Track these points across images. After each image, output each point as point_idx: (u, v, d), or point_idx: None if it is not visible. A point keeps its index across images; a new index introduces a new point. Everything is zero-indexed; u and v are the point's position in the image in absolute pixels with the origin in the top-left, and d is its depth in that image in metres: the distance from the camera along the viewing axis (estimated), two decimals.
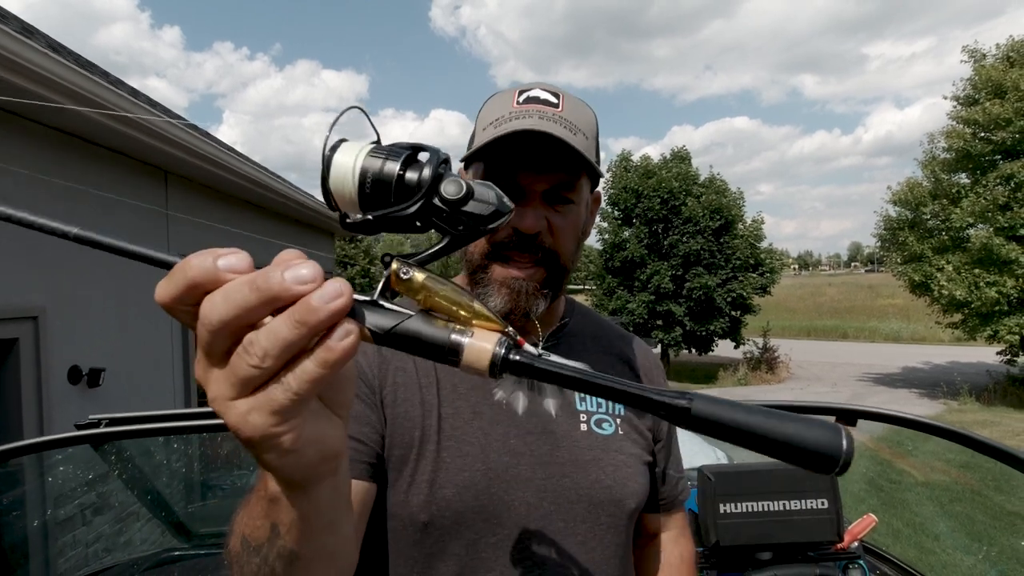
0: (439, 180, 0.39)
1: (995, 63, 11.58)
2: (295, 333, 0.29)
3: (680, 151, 16.77)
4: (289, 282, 0.28)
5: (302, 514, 0.37)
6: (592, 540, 0.72)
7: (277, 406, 0.30)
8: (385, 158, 0.39)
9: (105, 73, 4.05)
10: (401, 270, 0.38)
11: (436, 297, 0.37)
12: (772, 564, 1.32)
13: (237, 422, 0.30)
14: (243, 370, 0.29)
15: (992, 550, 3.48)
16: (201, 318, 0.29)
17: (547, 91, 0.75)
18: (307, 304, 0.28)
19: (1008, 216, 10.77)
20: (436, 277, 0.38)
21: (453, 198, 0.39)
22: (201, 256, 0.30)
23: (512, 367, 0.36)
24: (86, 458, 2.83)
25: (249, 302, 0.28)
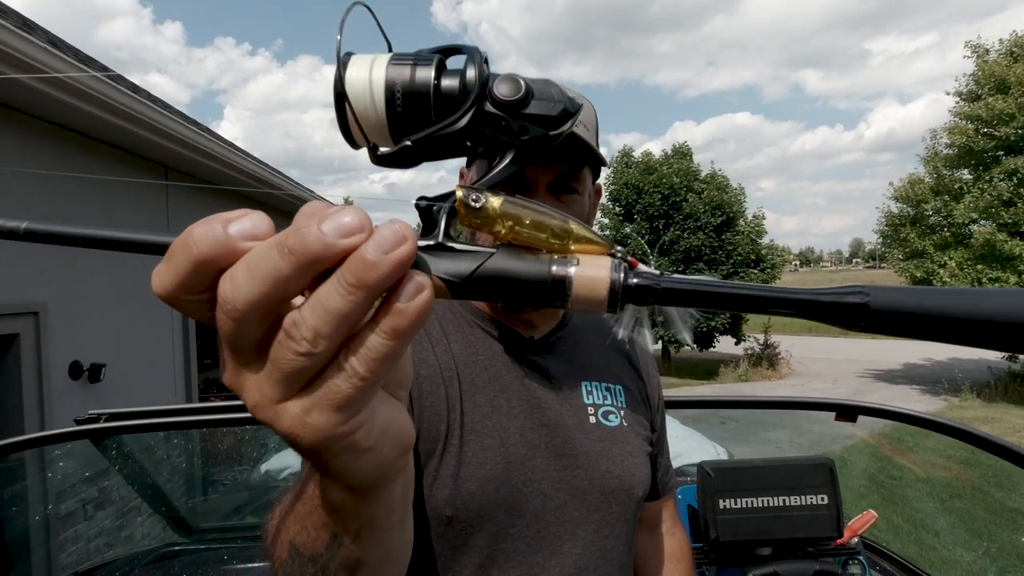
0: (487, 81, 0.31)
1: (998, 58, 11.53)
2: (350, 301, 0.22)
3: (681, 147, 16.73)
4: (331, 236, 0.22)
5: (371, 519, 0.32)
6: (604, 528, 0.73)
7: (343, 399, 0.23)
8: (413, 64, 0.31)
9: (105, 68, 4.04)
10: (470, 197, 0.29)
11: (520, 225, 0.29)
12: (772, 560, 1.32)
13: (294, 428, 0.24)
14: (289, 362, 0.23)
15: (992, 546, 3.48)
16: (221, 304, 0.23)
17: None
18: (361, 260, 0.22)
19: (1011, 212, 10.74)
20: (514, 199, 0.30)
21: (511, 99, 0.31)
22: (206, 225, 0.23)
23: (635, 294, 0.28)
24: (87, 453, 2.84)
25: (282, 271, 0.22)
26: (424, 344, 0.74)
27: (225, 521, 2.44)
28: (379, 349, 0.23)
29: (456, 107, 0.31)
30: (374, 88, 0.30)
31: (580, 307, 0.28)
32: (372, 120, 0.31)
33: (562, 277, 0.28)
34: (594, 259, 0.29)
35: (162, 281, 0.23)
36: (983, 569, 3.36)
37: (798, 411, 1.75)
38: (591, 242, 0.30)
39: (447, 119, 0.31)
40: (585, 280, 0.28)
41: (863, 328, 0.27)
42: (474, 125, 0.31)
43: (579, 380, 0.79)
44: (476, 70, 0.31)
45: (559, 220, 0.30)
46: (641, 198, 15.80)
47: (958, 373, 12.29)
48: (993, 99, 11.10)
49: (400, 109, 0.31)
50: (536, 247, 0.29)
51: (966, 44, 12.10)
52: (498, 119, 0.31)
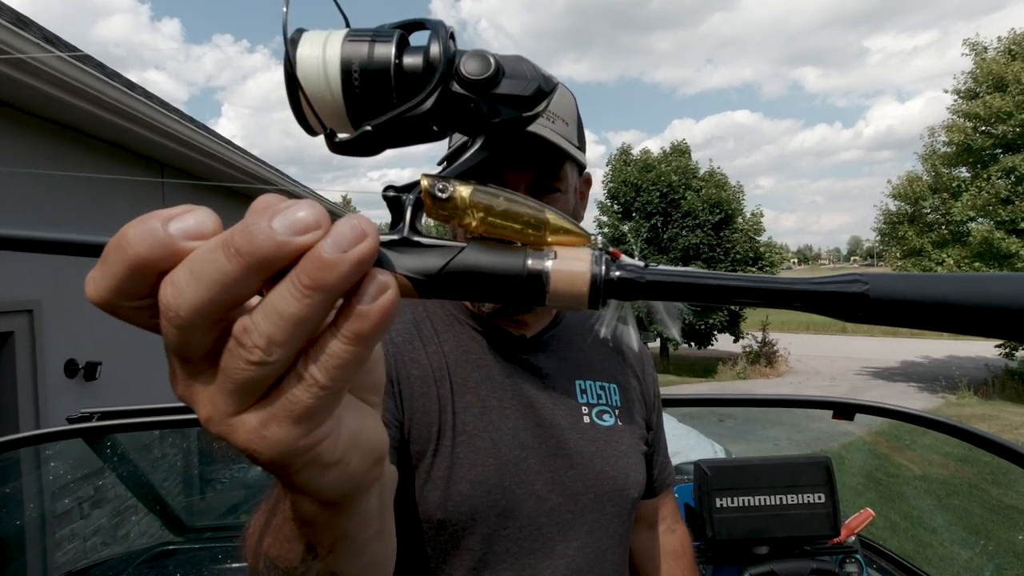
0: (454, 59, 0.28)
1: (997, 56, 11.54)
2: (307, 304, 0.20)
3: (680, 144, 16.73)
4: (283, 233, 0.20)
5: (345, 532, 0.30)
6: (599, 530, 0.73)
7: (302, 410, 0.22)
8: (371, 40, 0.28)
9: (101, 65, 4.02)
10: (436, 186, 0.27)
11: (492, 215, 0.27)
12: (769, 558, 1.31)
13: (251, 442, 0.22)
14: (242, 371, 0.21)
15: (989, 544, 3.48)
16: (163, 311, 0.20)
17: None
18: (318, 259, 0.20)
19: (1009, 210, 10.76)
20: (485, 187, 0.28)
21: (479, 77, 0.27)
22: (143, 224, 0.21)
23: (618, 288, 0.26)
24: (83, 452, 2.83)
25: (229, 274, 0.20)
26: (415, 344, 0.73)
27: (220, 520, 2.44)
28: (341, 355, 0.21)
29: (420, 87, 0.28)
30: (328, 67, 0.27)
31: (559, 303, 0.26)
32: (328, 103, 0.28)
33: (538, 272, 0.26)
34: (573, 251, 0.26)
35: (96, 287, 0.21)
36: (980, 566, 3.37)
37: (796, 409, 1.75)
38: (570, 232, 0.27)
39: (410, 101, 0.28)
40: (564, 274, 0.26)
41: (861, 319, 0.25)
42: (440, 107, 0.28)
43: (573, 379, 0.78)
44: (441, 46, 0.28)
45: (534, 209, 0.27)
46: (639, 196, 15.80)
47: (955, 371, 12.31)
48: (991, 97, 11.11)
49: (358, 90, 0.28)
50: (510, 239, 0.27)
51: (965, 42, 12.11)
52: (466, 100, 0.28)
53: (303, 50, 0.27)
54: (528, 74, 0.29)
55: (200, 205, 0.22)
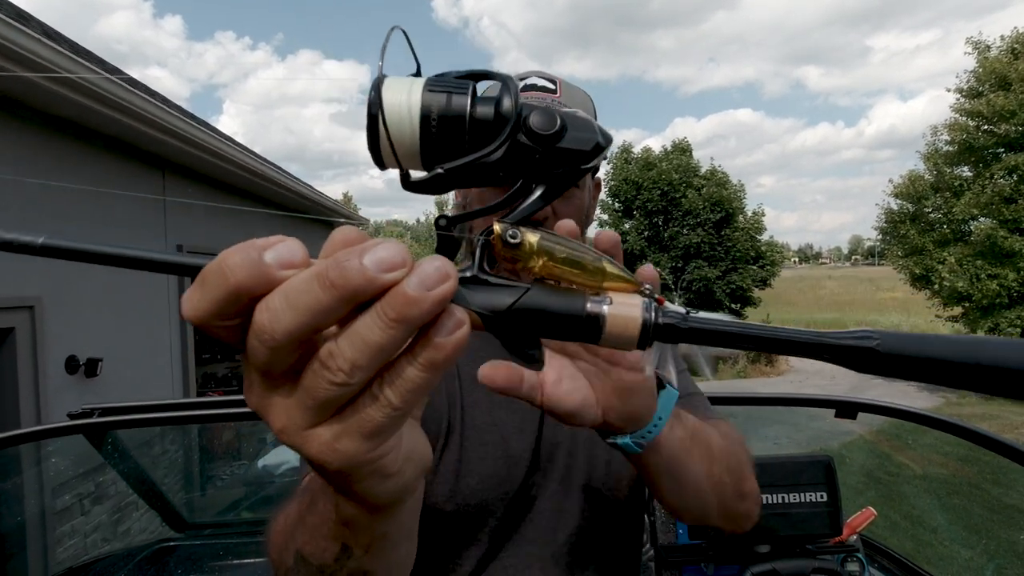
0: (522, 112, 0.31)
1: (999, 55, 11.50)
2: (390, 335, 0.22)
3: (681, 143, 16.71)
4: (373, 270, 0.22)
5: (383, 533, 0.33)
6: (597, 515, 0.74)
7: (374, 427, 0.24)
8: (450, 91, 0.30)
9: (102, 61, 4.02)
10: (508, 233, 0.30)
11: (555, 261, 0.30)
12: (770, 557, 1.31)
13: (323, 454, 0.24)
14: (324, 391, 0.23)
15: (990, 543, 3.48)
16: (257, 332, 0.22)
17: (544, 78, 0.76)
18: (403, 296, 0.22)
19: (1012, 209, 10.74)
20: (551, 235, 0.31)
21: (546, 132, 0.30)
22: (241, 252, 0.22)
23: (663, 332, 0.29)
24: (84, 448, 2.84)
25: (323, 304, 0.22)
26: None
27: (220, 516, 2.44)
28: (414, 380, 0.24)
29: (489, 135, 0.31)
30: (411, 112, 0.30)
31: (611, 344, 0.29)
32: (406, 144, 0.31)
33: (596, 315, 0.28)
34: (626, 297, 0.29)
35: (195, 307, 0.23)
36: (981, 566, 3.37)
37: (797, 408, 1.74)
38: (622, 279, 0.31)
39: (481, 148, 0.31)
40: (618, 319, 0.29)
41: (872, 371, 0.28)
42: (508, 156, 0.31)
43: None
44: (512, 100, 0.31)
45: (592, 257, 0.31)
46: (640, 194, 15.79)
47: None
48: (994, 96, 11.08)
49: (435, 135, 0.30)
50: (568, 282, 0.30)
51: (967, 41, 12.08)
52: (531, 151, 0.31)
53: (389, 95, 0.30)
54: (588, 129, 0.32)
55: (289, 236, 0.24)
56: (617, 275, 0.30)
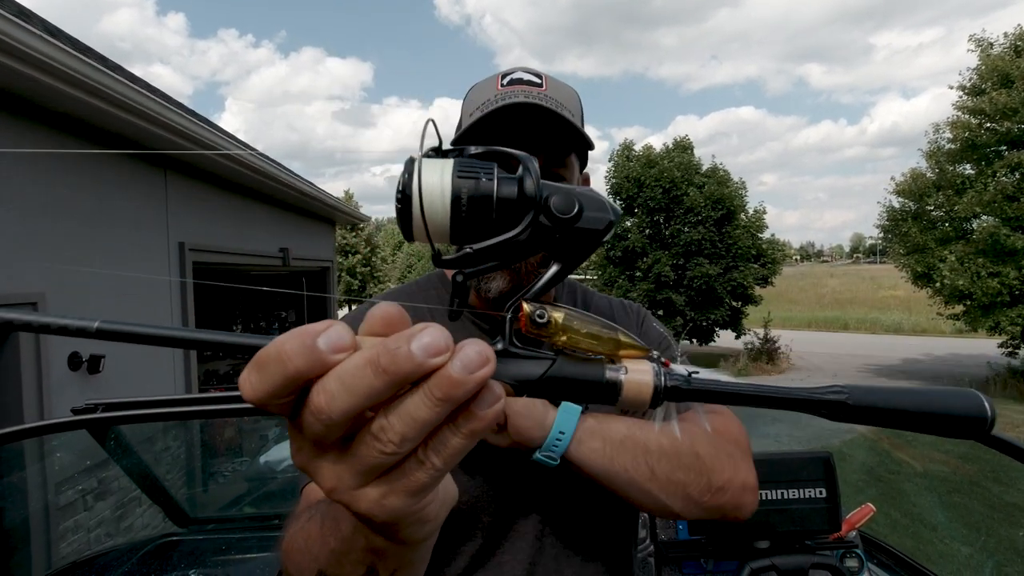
0: (542, 193, 0.34)
1: (1002, 52, 11.45)
2: (437, 412, 0.25)
3: (683, 141, 16.67)
4: (420, 356, 0.24)
5: (411, 560, 0.35)
6: (588, 510, 0.75)
7: (418, 486, 0.27)
8: (478, 175, 0.33)
9: (103, 58, 4.02)
10: (536, 313, 0.33)
11: (578, 335, 0.33)
12: (769, 552, 1.32)
13: (371, 510, 0.27)
14: (374, 459, 0.25)
15: (990, 541, 3.49)
16: (314, 412, 0.25)
17: (529, 73, 0.76)
18: (448, 379, 0.24)
19: (1015, 207, 10.71)
20: (573, 312, 0.34)
21: (566, 216, 0.33)
22: (296, 340, 0.24)
23: (670, 393, 0.33)
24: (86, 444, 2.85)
25: (376, 388, 0.24)
26: None
27: (223, 512, 2.45)
28: (456, 447, 0.26)
29: (513, 214, 0.33)
30: (443, 195, 0.33)
31: (627, 406, 0.33)
32: (436, 223, 0.33)
33: (614, 382, 0.32)
34: (638, 364, 0.33)
35: (254, 390, 0.25)
36: (980, 563, 3.37)
37: None
38: (634, 347, 0.34)
39: (506, 226, 0.33)
40: (633, 385, 0.32)
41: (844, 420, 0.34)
42: (530, 235, 0.34)
43: None
44: (534, 181, 0.34)
45: (608, 331, 0.34)
46: (642, 192, 15.75)
47: (957, 369, 12.30)
48: (996, 93, 11.04)
49: (464, 216, 0.33)
50: (587, 351, 0.33)
51: (970, 38, 12.02)
52: (552, 231, 0.34)
53: (427, 177, 0.33)
54: (602, 209, 0.35)
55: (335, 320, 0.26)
56: (629, 344, 0.34)
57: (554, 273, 0.36)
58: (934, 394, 0.34)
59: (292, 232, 7.20)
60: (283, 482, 2.92)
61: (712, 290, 15.00)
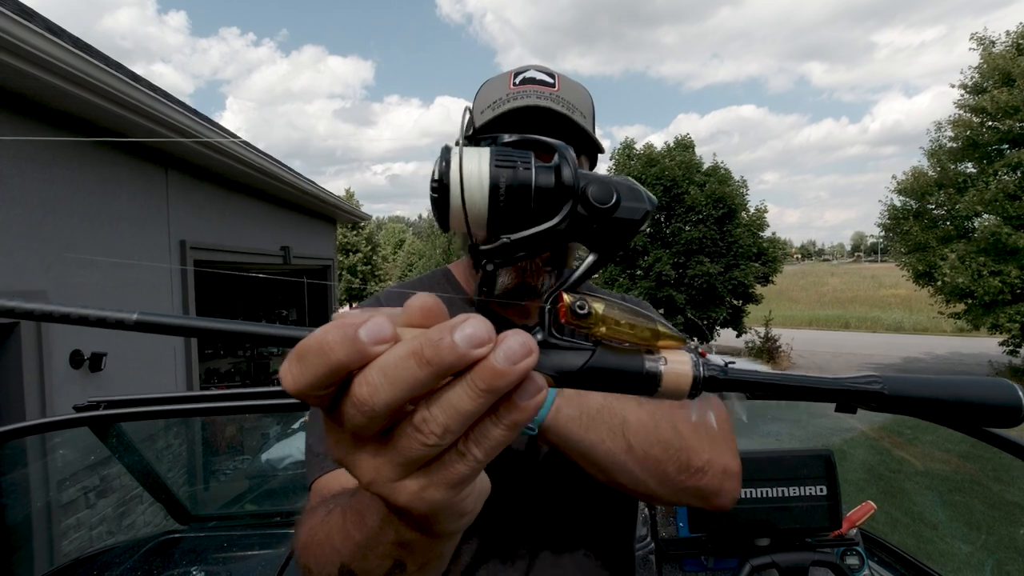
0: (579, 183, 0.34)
1: (1004, 51, 11.42)
2: (479, 403, 0.24)
3: (684, 139, 16.65)
4: (464, 347, 0.24)
5: (440, 552, 0.35)
6: (583, 506, 0.75)
7: (458, 478, 0.26)
8: (516, 165, 0.33)
9: (105, 57, 4.02)
10: (576, 304, 0.33)
11: (618, 326, 0.33)
12: (770, 550, 1.32)
13: (410, 502, 0.27)
14: (416, 451, 0.25)
15: (991, 539, 3.49)
16: (356, 403, 0.24)
17: (542, 72, 0.76)
18: (492, 369, 0.24)
19: (1016, 205, 10.69)
20: (612, 302, 0.34)
21: (605, 205, 0.33)
22: (338, 331, 0.24)
23: (708, 384, 0.33)
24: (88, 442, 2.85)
25: (419, 379, 0.24)
26: None
27: (224, 509, 2.46)
28: (498, 439, 0.26)
29: (550, 203, 0.33)
30: (481, 184, 0.33)
31: (666, 396, 0.33)
32: (474, 213, 0.33)
33: (654, 373, 0.32)
34: (676, 355, 0.33)
35: (295, 381, 0.25)
36: (981, 561, 3.37)
37: (798, 404, 1.75)
38: (672, 338, 0.34)
39: (543, 215, 0.33)
40: (672, 375, 0.32)
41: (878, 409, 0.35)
42: (567, 225, 0.34)
43: None
44: (571, 171, 0.33)
45: (647, 321, 0.34)
46: None
47: (958, 368, 12.29)
48: (998, 92, 11.01)
49: (503, 204, 0.33)
50: (625, 341, 0.33)
51: (971, 36, 12.00)
52: (589, 221, 0.34)
53: (465, 165, 0.33)
54: (639, 199, 0.35)
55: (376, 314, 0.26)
56: (667, 334, 0.34)
57: (591, 263, 0.36)
58: (969, 383, 0.34)
59: (293, 230, 7.20)
60: (284, 480, 2.93)
61: (713, 288, 14.99)
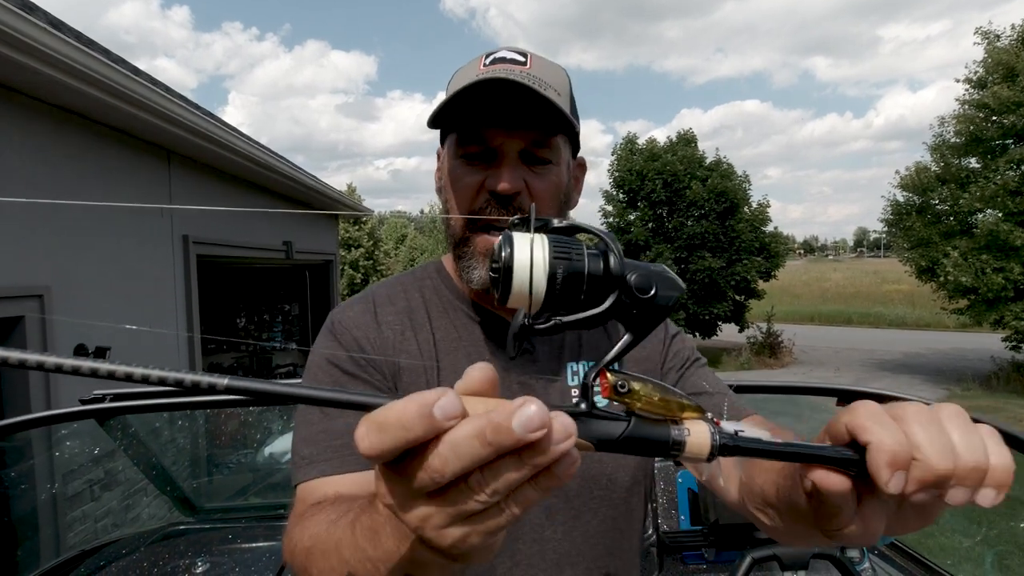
0: (623, 272, 0.39)
1: (1009, 45, 11.34)
2: (525, 474, 0.29)
3: (686, 134, 16.60)
4: (521, 433, 0.28)
5: (452, 571, 0.37)
6: (586, 513, 0.72)
7: (496, 527, 0.31)
8: (571, 256, 0.39)
9: (106, 51, 4.02)
10: (618, 383, 0.38)
11: (650, 402, 0.38)
12: (771, 542, 1.33)
13: (454, 547, 0.31)
14: (467, 508, 0.30)
15: (991, 533, 3.49)
16: (429, 471, 0.29)
17: (513, 51, 0.73)
18: (541, 450, 0.29)
19: (1017, 201, 10.64)
20: (647, 381, 0.38)
21: (645, 295, 0.39)
22: (414, 406, 0.29)
23: (722, 450, 0.37)
24: (94, 435, 2.87)
25: (481, 456, 0.29)
26: (407, 334, 0.74)
27: (229, 501, 2.47)
28: (533, 498, 0.31)
29: (598, 288, 0.38)
30: (542, 273, 0.38)
31: (686, 460, 0.37)
32: (533, 295, 0.38)
33: (680, 442, 0.37)
34: (697, 425, 0.37)
35: (373, 447, 0.29)
36: (980, 555, 3.38)
37: (800, 399, 1.75)
38: (693, 409, 0.38)
39: (592, 299, 0.38)
40: (694, 444, 0.37)
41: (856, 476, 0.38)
42: (612, 308, 0.39)
43: (564, 362, 0.77)
44: (618, 261, 0.38)
45: (674, 396, 0.38)
46: (645, 185, 15.70)
47: (961, 363, 12.27)
48: (998, 87, 10.94)
49: (559, 290, 0.38)
50: (655, 413, 0.38)
51: (976, 31, 11.91)
52: (629, 307, 0.39)
53: (524, 254, 0.38)
54: (673, 288, 0.40)
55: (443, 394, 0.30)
56: (689, 407, 0.38)
57: (627, 343, 0.40)
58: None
59: (295, 226, 7.21)
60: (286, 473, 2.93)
61: (715, 284, 14.97)
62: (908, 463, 0.35)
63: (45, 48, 2.71)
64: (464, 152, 0.72)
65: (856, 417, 0.38)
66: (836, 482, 0.37)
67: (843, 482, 0.37)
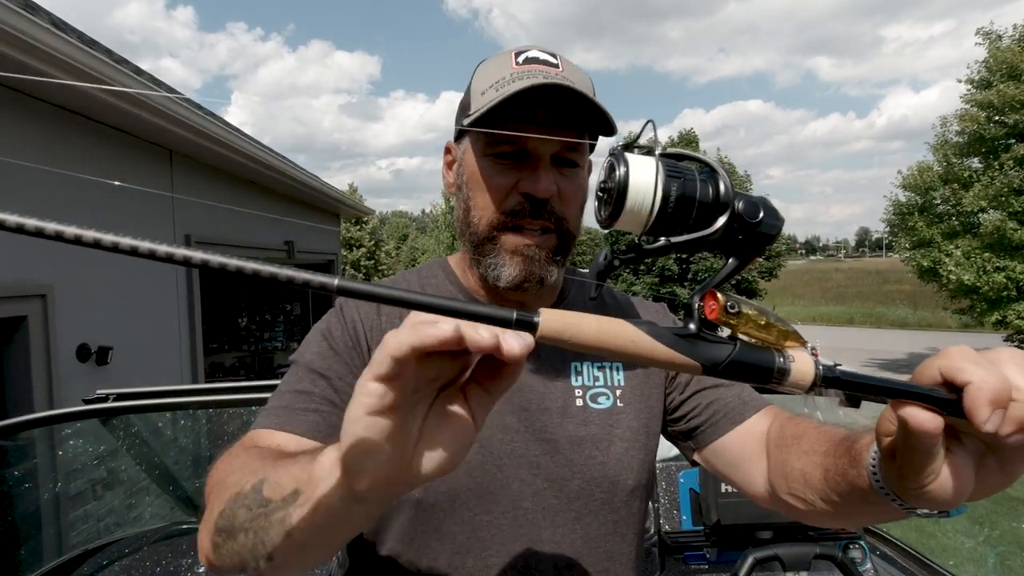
0: (733, 198, 0.39)
1: (1011, 45, 11.32)
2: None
3: (688, 134, 16.59)
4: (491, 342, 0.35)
5: (347, 514, 0.39)
6: (587, 516, 0.71)
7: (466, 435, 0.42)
8: (684, 178, 0.39)
9: (109, 51, 4.02)
10: (728, 303, 0.38)
11: (757, 327, 0.38)
12: (772, 543, 1.33)
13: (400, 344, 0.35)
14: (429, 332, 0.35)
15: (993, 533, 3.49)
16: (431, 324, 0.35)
17: (545, 52, 0.72)
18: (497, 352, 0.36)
19: (1021, 200, 10.61)
20: (753, 305, 0.38)
21: (753, 220, 0.39)
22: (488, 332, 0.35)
23: (825, 381, 0.37)
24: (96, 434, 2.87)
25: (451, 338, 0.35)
26: None
27: None
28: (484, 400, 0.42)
29: (706, 213, 0.39)
30: (655, 191, 0.39)
31: (787, 391, 0.37)
32: (640, 218, 0.39)
33: (785, 369, 0.37)
34: (800, 354, 0.37)
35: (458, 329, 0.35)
36: (983, 555, 3.38)
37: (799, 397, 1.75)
38: (797, 338, 0.39)
39: (699, 223, 0.39)
40: (799, 373, 0.36)
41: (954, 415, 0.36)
42: (723, 233, 0.39)
43: (568, 361, 0.75)
44: (728, 188, 0.39)
45: (781, 324, 0.38)
46: None
47: None
48: (1004, 86, 10.92)
49: (670, 211, 0.39)
50: (761, 339, 0.38)
51: (978, 31, 11.89)
52: (736, 232, 0.39)
53: (640, 175, 0.39)
54: (777, 217, 0.41)
55: None
56: (794, 334, 0.38)
57: (732, 267, 0.40)
58: None
59: (297, 225, 7.22)
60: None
61: None
62: (1007, 402, 0.35)
63: (48, 48, 2.72)
64: (495, 151, 0.71)
65: (952, 360, 0.37)
66: (928, 419, 0.36)
67: (936, 419, 0.36)
